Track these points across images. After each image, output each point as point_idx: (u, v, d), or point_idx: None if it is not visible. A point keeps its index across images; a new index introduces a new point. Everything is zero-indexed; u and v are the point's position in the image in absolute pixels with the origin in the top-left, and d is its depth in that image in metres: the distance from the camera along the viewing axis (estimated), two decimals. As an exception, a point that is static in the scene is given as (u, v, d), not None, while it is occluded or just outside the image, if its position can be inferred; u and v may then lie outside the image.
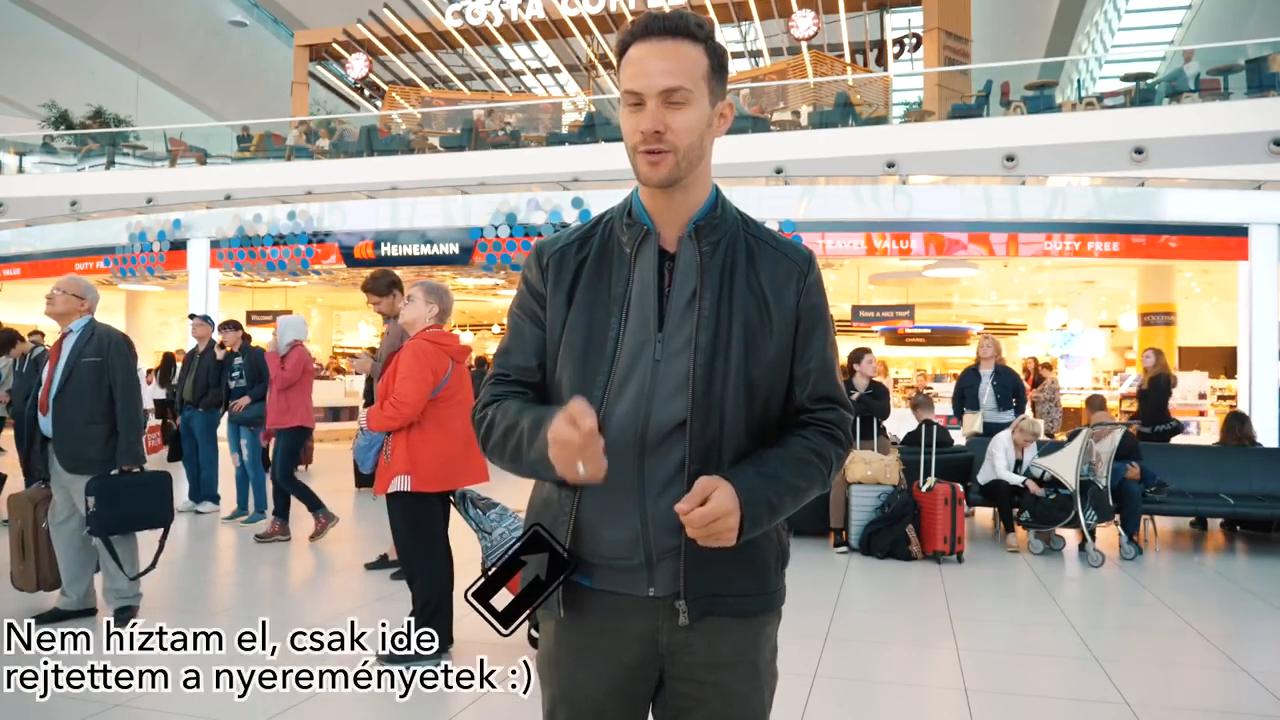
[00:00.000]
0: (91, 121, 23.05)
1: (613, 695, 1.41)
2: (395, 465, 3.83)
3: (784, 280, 1.40)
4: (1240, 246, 11.16)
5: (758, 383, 1.36)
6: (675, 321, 1.35)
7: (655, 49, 1.31)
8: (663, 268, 1.38)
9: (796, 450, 1.36)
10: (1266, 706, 3.59)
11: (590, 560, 1.38)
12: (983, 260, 12.53)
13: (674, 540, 1.32)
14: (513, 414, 1.36)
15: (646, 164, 1.33)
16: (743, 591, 1.38)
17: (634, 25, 1.35)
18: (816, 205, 12.28)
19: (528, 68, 25.08)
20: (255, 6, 31.81)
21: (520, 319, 1.46)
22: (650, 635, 1.38)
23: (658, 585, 1.35)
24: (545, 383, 1.44)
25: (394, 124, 20.88)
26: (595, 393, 1.34)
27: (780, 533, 1.44)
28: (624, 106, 1.36)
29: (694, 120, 1.33)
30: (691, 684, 1.39)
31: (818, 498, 1.45)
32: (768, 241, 1.43)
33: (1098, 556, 6.24)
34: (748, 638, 1.40)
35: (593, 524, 1.36)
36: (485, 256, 12.88)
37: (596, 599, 1.39)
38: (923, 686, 3.87)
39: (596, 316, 1.38)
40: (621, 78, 1.35)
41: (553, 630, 1.44)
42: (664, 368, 1.34)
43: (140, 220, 14.85)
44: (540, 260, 1.45)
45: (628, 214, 1.41)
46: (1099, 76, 25.10)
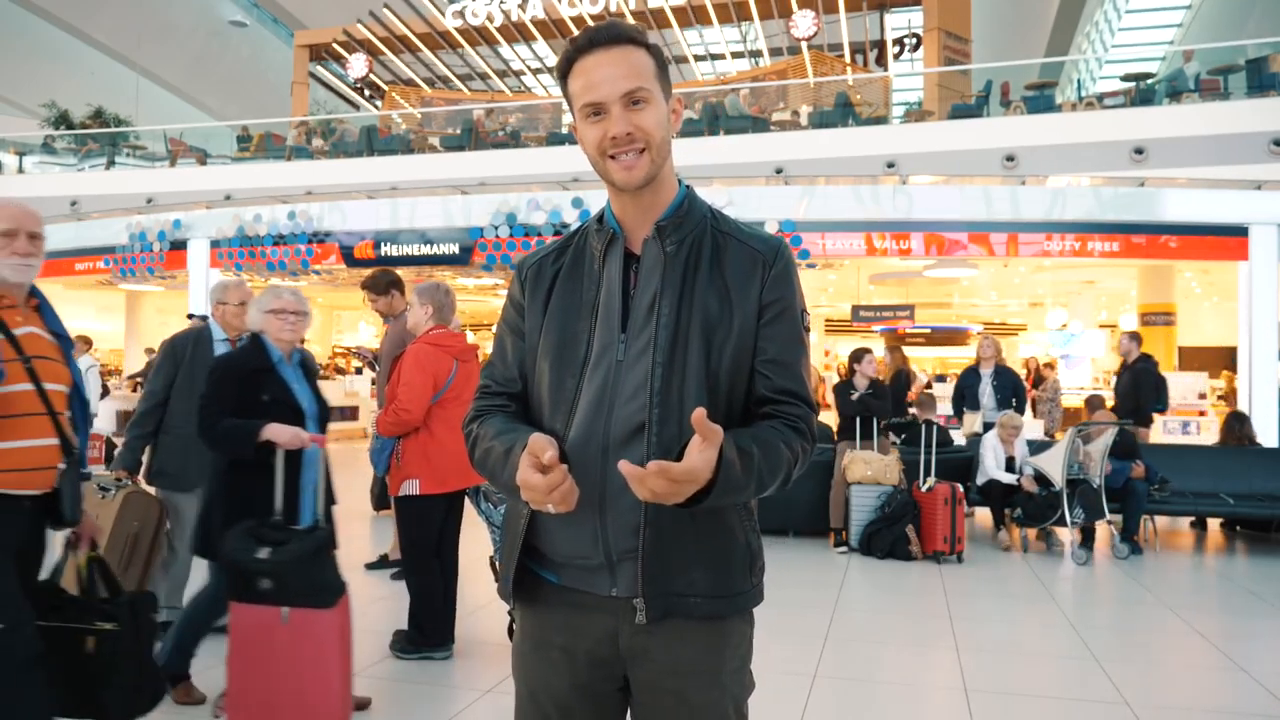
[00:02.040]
0: (91, 121, 23.04)
1: (576, 692, 1.41)
2: (406, 468, 3.89)
3: (748, 272, 1.39)
4: (1240, 246, 11.15)
5: (719, 379, 1.36)
6: (638, 323, 1.37)
7: (605, 58, 1.34)
8: (629, 270, 1.40)
9: (765, 433, 1.32)
10: (1266, 706, 3.60)
11: (552, 558, 1.40)
12: (983, 260, 12.53)
13: (633, 541, 1.32)
14: (490, 435, 1.39)
15: (621, 169, 1.35)
16: (704, 592, 1.35)
17: (577, 41, 1.38)
18: (816, 205, 12.27)
19: (528, 68, 25.09)
20: (255, 6, 31.81)
21: (504, 332, 1.50)
22: (611, 636, 1.37)
23: (620, 585, 1.35)
24: (528, 391, 1.46)
25: (394, 124, 20.89)
26: (567, 396, 1.37)
27: (748, 533, 1.41)
28: (582, 121, 1.38)
29: (659, 117, 1.36)
30: (651, 692, 1.39)
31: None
32: (734, 235, 1.42)
33: (1081, 555, 6.27)
34: (710, 644, 1.38)
35: (550, 523, 1.37)
36: (485, 256, 12.87)
37: (561, 595, 1.40)
38: (923, 686, 3.87)
39: (568, 322, 1.40)
40: (574, 94, 1.37)
41: (522, 627, 1.47)
42: (625, 369, 1.35)
43: (140, 220, 14.85)
44: (520, 274, 1.49)
45: (599, 221, 1.44)
46: (1099, 76, 25.13)
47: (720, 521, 1.37)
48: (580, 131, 1.40)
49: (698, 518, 1.32)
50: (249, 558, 2.79)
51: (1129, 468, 6.76)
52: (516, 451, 1.29)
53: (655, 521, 1.31)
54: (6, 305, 2.37)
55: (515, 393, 1.46)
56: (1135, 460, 6.84)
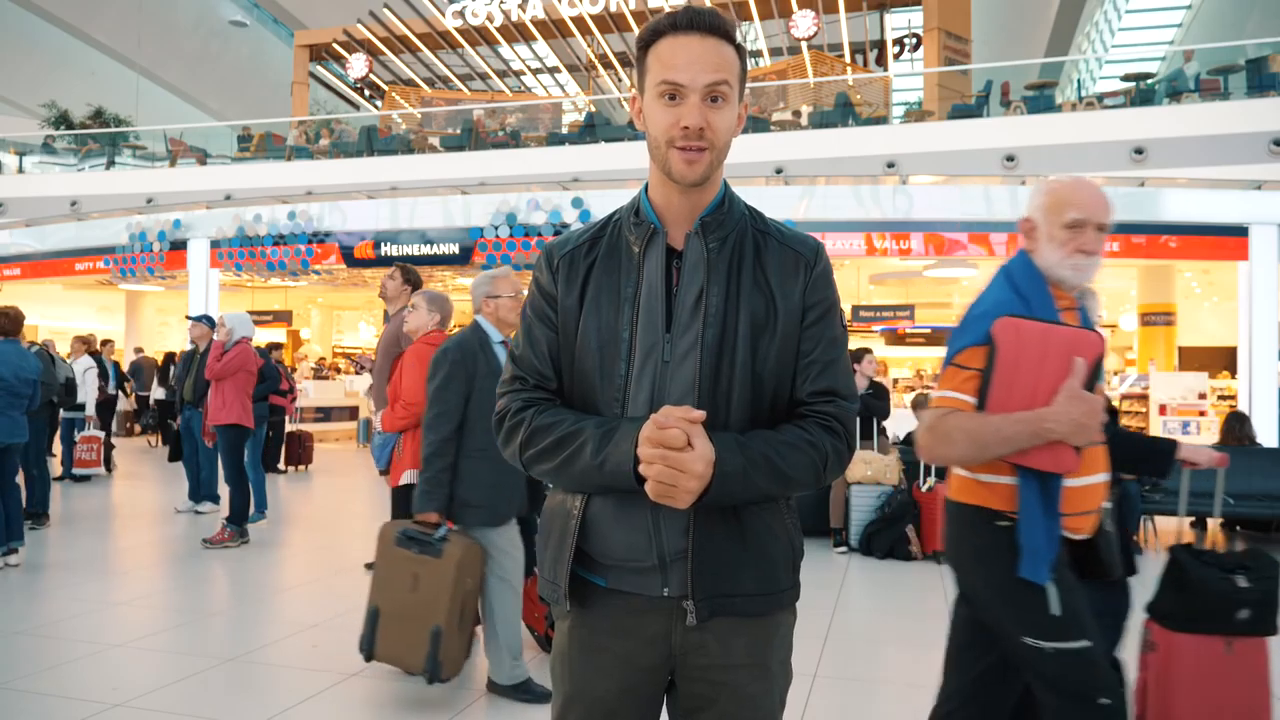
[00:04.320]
0: (91, 121, 23.04)
1: (624, 695, 1.40)
2: (405, 460, 4.02)
3: (790, 273, 1.38)
4: (1240, 246, 11.15)
5: (764, 380, 1.35)
6: (683, 321, 1.34)
7: (698, 44, 1.30)
8: (670, 266, 1.37)
9: (787, 435, 1.33)
10: (1266, 706, 3.59)
11: (603, 561, 1.38)
12: (983, 260, 12.52)
13: (684, 542, 1.32)
14: (569, 422, 1.34)
15: (683, 161, 1.31)
16: (751, 591, 1.36)
17: (674, 16, 1.32)
18: (816, 205, 12.28)
19: (528, 68, 25.08)
20: (255, 6, 31.81)
21: (532, 322, 1.45)
22: (664, 636, 1.37)
23: (672, 586, 1.34)
24: (562, 388, 1.43)
25: (394, 124, 20.88)
26: (614, 395, 1.35)
27: (790, 531, 1.42)
28: (654, 99, 1.32)
29: (731, 120, 1.33)
30: (704, 684, 1.38)
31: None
32: (774, 235, 1.41)
33: None
34: (760, 638, 1.39)
35: (604, 525, 1.36)
36: (485, 256, 12.87)
37: (610, 599, 1.39)
38: (923, 686, 3.86)
39: (608, 319, 1.37)
40: (653, 67, 1.32)
41: (567, 629, 1.44)
42: (673, 369, 1.33)
43: (140, 220, 14.85)
44: (550, 262, 1.44)
45: (635, 213, 1.40)
46: (1099, 76, 25.12)
47: (765, 522, 1.37)
48: (648, 110, 1.34)
49: (744, 518, 1.34)
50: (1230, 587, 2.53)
51: (1124, 468, 6.75)
52: (626, 429, 1.27)
53: (703, 522, 1.32)
54: (1065, 307, 2.09)
55: (553, 390, 1.42)
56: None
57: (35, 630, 4.33)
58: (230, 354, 6.58)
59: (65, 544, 6.44)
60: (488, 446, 3.23)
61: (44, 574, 5.49)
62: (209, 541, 6.32)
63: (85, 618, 4.54)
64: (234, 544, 6.33)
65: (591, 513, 1.37)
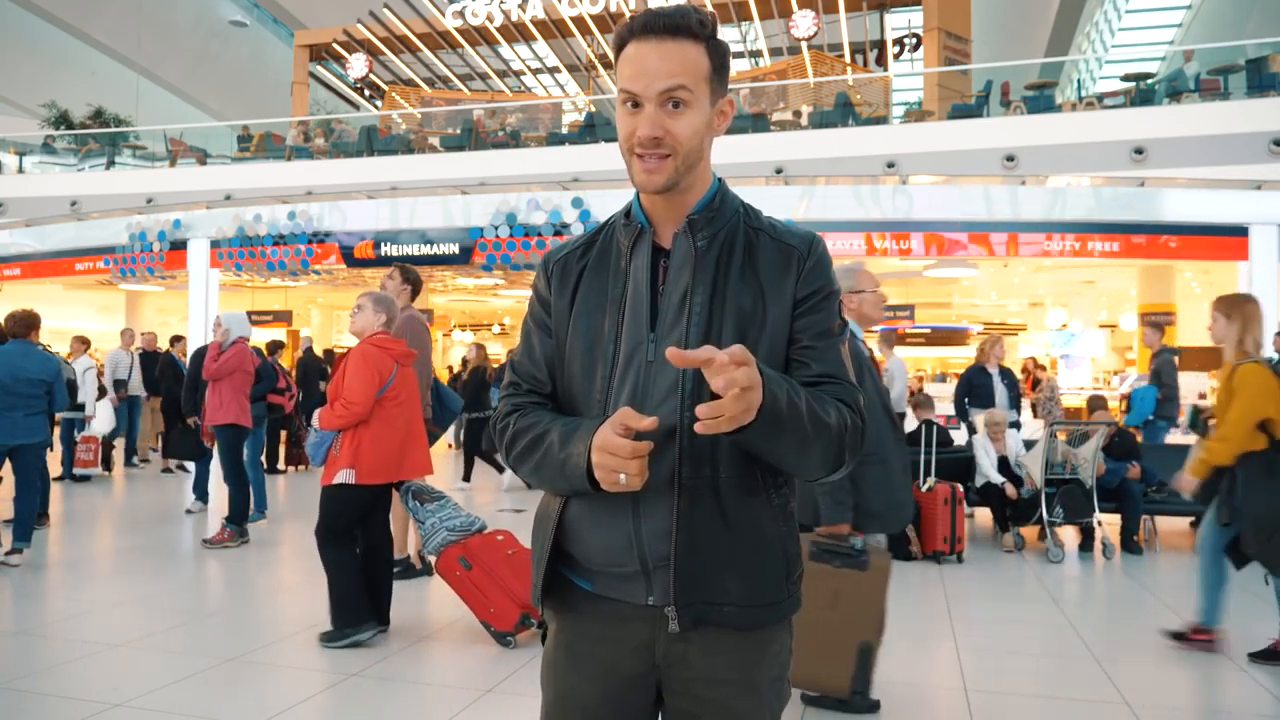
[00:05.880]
0: (91, 121, 23.04)
1: (608, 704, 1.37)
2: (342, 460, 4.13)
3: (782, 268, 1.34)
4: (1240, 246, 11.15)
5: None
6: (669, 321, 1.31)
7: (654, 49, 1.26)
8: (657, 266, 1.35)
9: (810, 392, 1.27)
10: (1266, 707, 3.60)
11: (586, 565, 1.36)
12: (983, 260, 12.53)
13: (667, 547, 1.28)
14: (543, 424, 1.34)
15: (642, 170, 1.29)
16: (738, 601, 1.30)
17: (632, 21, 1.30)
18: (816, 205, 12.28)
19: (528, 68, 25.08)
20: (255, 6, 31.82)
21: (530, 328, 1.45)
22: (648, 645, 1.34)
23: (656, 593, 1.31)
24: (557, 391, 1.42)
25: (394, 124, 20.89)
26: (597, 397, 1.33)
27: (784, 539, 1.36)
28: (620, 106, 1.31)
29: (695, 123, 1.29)
30: (688, 699, 1.35)
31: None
32: (767, 231, 1.38)
33: (1057, 553, 6.30)
34: (748, 654, 1.34)
35: (582, 528, 1.34)
36: (485, 256, 12.88)
37: (596, 604, 1.36)
38: (923, 686, 3.87)
39: (596, 320, 1.36)
40: (619, 74, 1.31)
41: (554, 634, 1.43)
42: (656, 369, 1.30)
43: (140, 220, 14.85)
44: (546, 268, 1.44)
45: (626, 215, 1.39)
46: (1099, 76, 25.12)
47: (755, 527, 1.32)
48: (617, 116, 1.33)
49: (731, 523, 1.29)
50: None
51: (1125, 468, 6.75)
52: (582, 433, 1.25)
53: (688, 527, 1.28)
54: None
55: (546, 394, 1.42)
56: (1132, 461, 6.84)
57: (35, 630, 4.33)
58: (227, 354, 6.57)
59: (65, 544, 6.44)
60: (886, 452, 3.18)
61: (44, 574, 5.49)
62: (209, 541, 6.32)
63: (85, 618, 4.54)
64: (234, 544, 6.32)
65: (570, 515, 1.35)
